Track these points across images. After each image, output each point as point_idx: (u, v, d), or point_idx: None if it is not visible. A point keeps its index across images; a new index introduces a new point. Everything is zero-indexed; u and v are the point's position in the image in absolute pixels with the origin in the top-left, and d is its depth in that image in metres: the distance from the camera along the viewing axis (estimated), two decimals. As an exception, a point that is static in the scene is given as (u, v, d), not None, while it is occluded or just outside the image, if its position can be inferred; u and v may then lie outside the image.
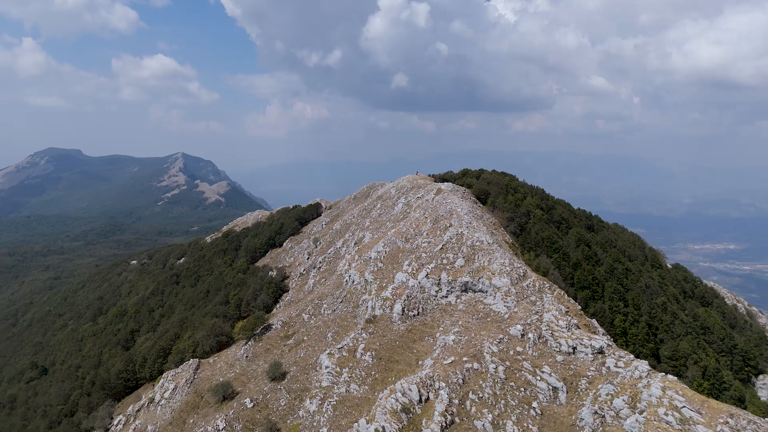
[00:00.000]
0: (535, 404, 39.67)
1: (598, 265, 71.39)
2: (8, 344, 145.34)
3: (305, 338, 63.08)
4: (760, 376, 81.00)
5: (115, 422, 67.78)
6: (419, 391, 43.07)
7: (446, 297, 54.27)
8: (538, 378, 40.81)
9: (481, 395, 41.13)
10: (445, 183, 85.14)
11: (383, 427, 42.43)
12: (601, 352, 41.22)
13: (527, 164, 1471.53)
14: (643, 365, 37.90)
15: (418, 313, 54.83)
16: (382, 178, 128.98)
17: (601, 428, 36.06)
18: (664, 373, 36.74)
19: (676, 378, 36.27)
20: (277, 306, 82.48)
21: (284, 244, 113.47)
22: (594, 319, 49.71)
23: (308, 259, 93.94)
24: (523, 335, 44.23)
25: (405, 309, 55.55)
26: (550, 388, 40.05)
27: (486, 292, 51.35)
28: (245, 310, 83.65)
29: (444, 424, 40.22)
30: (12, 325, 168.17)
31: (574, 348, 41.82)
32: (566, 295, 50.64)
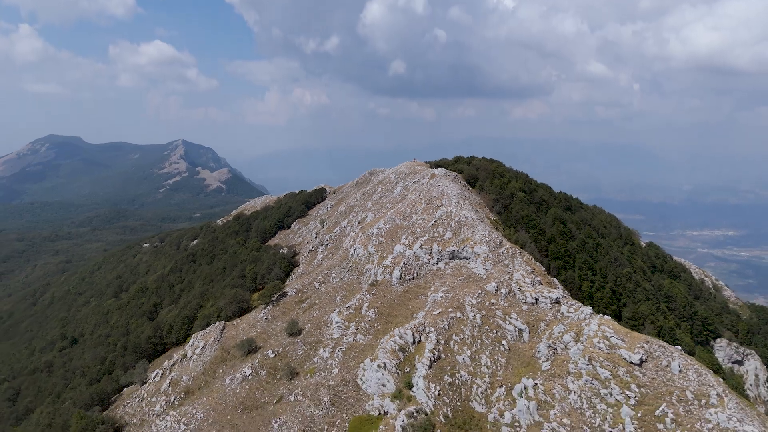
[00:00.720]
0: (504, 342, 50.56)
1: (571, 240, 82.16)
2: (33, 320, 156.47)
3: (317, 302, 73.90)
4: (718, 339, 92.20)
5: (152, 376, 78.47)
6: (413, 335, 53.99)
7: (437, 264, 65.03)
8: (507, 322, 51.65)
9: (462, 336, 52.00)
10: (439, 169, 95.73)
11: (384, 363, 53.45)
12: (557, 302, 52.01)
13: (526, 152, 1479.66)
14: (588, 310, 48.72)
15: (413, 277, 65.64)
16: (382, 166, 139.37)
17: (553, 357, 46.96)
18: (601, 315, 47.57)
19: (610, 317, 47.11)
20: (290, 278, 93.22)
21: (292, 225, 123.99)
22: (555, 278, 60.43)
23: (316, 237, 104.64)
24: (497, 290, 55.01)
25: (402, 274, 66.33)
26: (516, 329, 50.90)
27: (469, 258, 62.09)
28: (260, 282, 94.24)
29: (432, 358, 51.13)
30: (32, 304, 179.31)
31: (537, 299, 52.61)
32: (533, 259, 61.43)
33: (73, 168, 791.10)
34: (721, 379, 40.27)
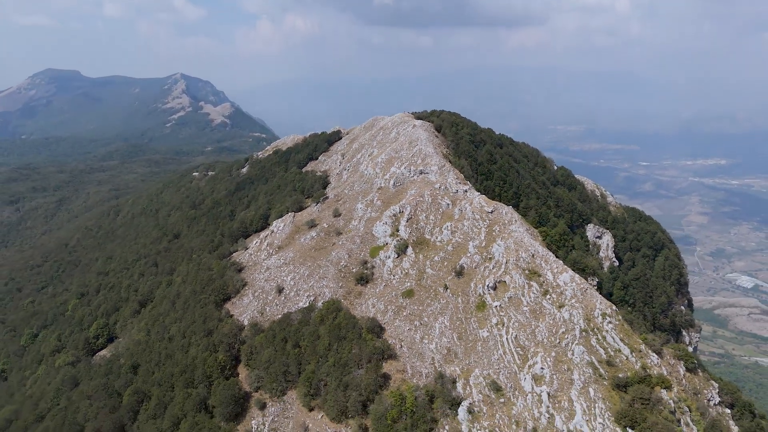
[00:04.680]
0: (440, 210, 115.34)
1: (494, 164, 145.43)
2: (126, 229, 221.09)
3: (347, 200, 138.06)
4: (589, 225, 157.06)
5: (252, 243, 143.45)
6: (399, 209, 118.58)
7: (413, 177, 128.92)
8: (443, 200, 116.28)
9: (422, 208, 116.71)
10: (419, 120, 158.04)
11: (386, 221, 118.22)
12: (466, 191, 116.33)
13: (526, 82, 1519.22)
14: (477, 193, 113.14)
15: (401, 184, 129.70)
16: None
17: (460, 213, 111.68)
18: (481, 194, 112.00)
19: (485, 196, 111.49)
20: (326, 189, 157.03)
21: (319, 158, 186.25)
22: (468, 181, 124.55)
23: (340, 165, 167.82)
24: (439, 187, 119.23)
25: (395, 183, 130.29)
26: (446, 204, 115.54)
27: (429, 173, 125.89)
28: (307, 192, 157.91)
29: (407, 218, 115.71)
30: (113, 219, 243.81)
31: (457, 190, 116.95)
32: (460, 172, 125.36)
33: (76, 103, 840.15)
34: (516, 212, 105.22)
